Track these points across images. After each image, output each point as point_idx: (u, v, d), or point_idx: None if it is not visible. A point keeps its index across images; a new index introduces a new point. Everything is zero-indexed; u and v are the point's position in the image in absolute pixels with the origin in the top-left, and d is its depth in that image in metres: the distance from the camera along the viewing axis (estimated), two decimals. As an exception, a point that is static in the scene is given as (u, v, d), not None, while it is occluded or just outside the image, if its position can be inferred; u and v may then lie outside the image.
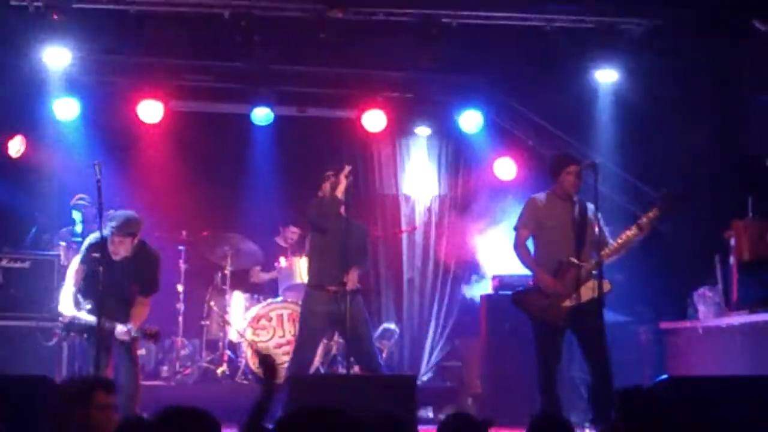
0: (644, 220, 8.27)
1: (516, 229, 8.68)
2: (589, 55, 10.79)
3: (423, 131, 12.55)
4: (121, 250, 8.35)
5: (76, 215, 10.88)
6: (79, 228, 10.79)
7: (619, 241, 8.34)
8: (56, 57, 10.49)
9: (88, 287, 8.32)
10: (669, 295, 10.58)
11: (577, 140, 11.47)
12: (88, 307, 8.27)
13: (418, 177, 12.87)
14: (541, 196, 8.71)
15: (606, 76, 10.91)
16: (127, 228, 8.35)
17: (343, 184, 9.10)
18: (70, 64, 10.74)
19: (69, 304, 8.37)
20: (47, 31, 10.07)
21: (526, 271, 8.85)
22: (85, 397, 5.46)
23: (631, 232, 8.29)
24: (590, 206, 8.49)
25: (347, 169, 9.22)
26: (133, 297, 8.46)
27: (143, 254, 8.53)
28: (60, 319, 8.42)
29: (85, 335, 8.32)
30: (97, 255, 8.16)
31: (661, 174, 10.67)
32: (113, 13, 10.06)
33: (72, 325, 8.32)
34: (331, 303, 9.07)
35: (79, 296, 8.37)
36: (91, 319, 8.13)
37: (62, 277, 10.03)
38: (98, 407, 5.33)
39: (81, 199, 10.79)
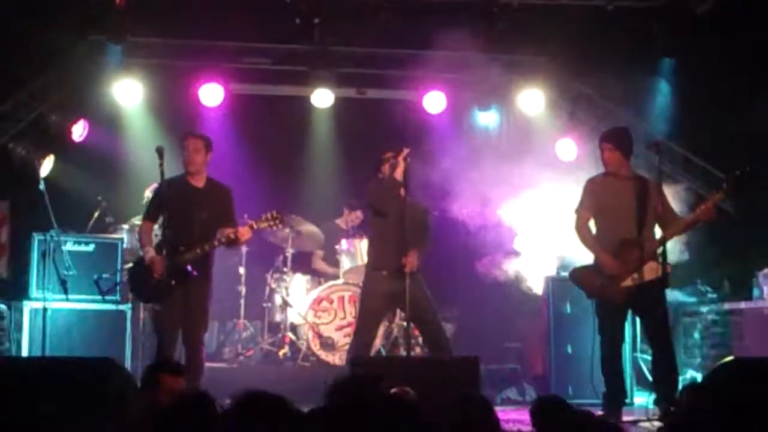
0: (709, 203, 8.15)
1: (576, 211, 8.62)
2: (651, 34, 10.68)
3: (482, 112, 12.49)
4: (197, 159, 8.49)
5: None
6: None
7: (683, 222, 8.25)
8: (118, 42, 10.60)
9: (170, 227, 8.32)
10: (734, 276, 10.47)
11: (639, 120, 11.35)
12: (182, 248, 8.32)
13: (478, 158, 12.77)
14: (599, 177, 8.64)
15: (667, 55, 10.79)
16: (193, 132, 8.69)
17: (402, 166, 9.04)
18: (132, 48, 10.83)
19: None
20: (109, 16, 10.17)
21: (588, 253, 8.77)
22: (152, 380, 5.48)
23: (695, 215, 8.19)
24: (653, 185, 8.39)
25: (406, 150, 9.15)
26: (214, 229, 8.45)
27: (216, 187, 8.66)
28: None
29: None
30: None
31: (725, 153, 10.53)
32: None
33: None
34: (390, 284, 9.02)
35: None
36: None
37: (125, 261, 10.18)
38: (165, 391, 5.32)
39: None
